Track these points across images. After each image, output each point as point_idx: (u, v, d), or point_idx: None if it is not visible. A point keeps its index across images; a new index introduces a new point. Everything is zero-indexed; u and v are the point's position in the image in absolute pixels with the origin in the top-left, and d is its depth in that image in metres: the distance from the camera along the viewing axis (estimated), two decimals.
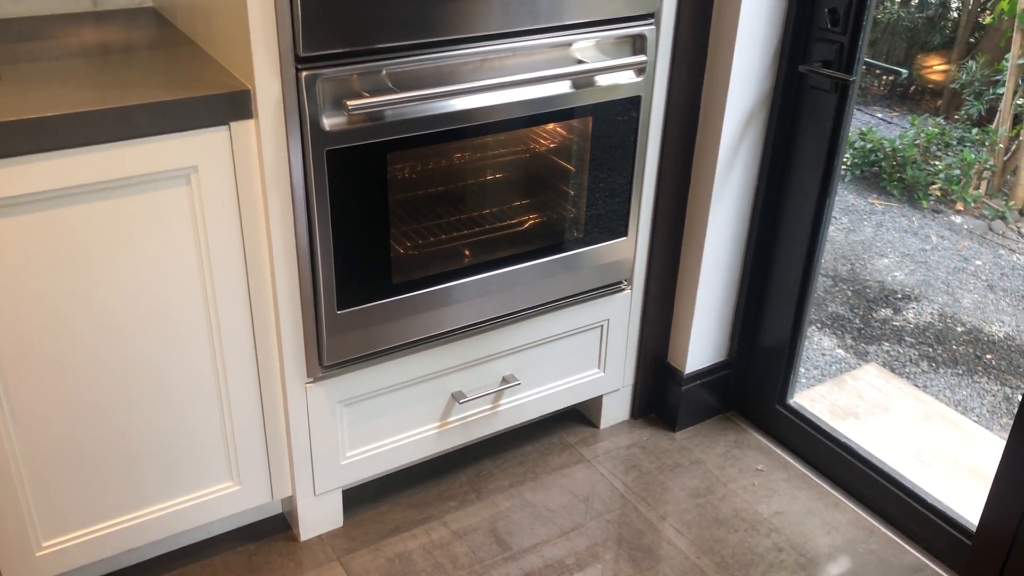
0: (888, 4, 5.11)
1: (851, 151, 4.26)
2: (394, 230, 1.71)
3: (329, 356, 1.72)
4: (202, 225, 1.52)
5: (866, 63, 1.86)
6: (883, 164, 4.16)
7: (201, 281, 1.57)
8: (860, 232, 3.79)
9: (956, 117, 4.51)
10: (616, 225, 1.98)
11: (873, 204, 4.03)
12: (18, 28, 1.75)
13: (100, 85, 1.47)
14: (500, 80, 1.65)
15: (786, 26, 1.89)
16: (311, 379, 1.75)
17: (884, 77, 5.42)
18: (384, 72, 1.56)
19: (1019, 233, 3.80)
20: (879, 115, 5.05)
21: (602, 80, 1.80)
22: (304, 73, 1.48)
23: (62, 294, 1.45)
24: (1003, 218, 3.89)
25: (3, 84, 1.47)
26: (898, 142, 4.15)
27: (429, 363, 1.88)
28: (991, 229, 3.84)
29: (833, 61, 1.84)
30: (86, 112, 1.35)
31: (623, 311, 2.12)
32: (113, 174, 1.41)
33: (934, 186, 4.03)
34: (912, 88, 5.22)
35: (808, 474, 2.14)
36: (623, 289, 2.09)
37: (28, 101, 1.38)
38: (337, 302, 1.68)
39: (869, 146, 4.21)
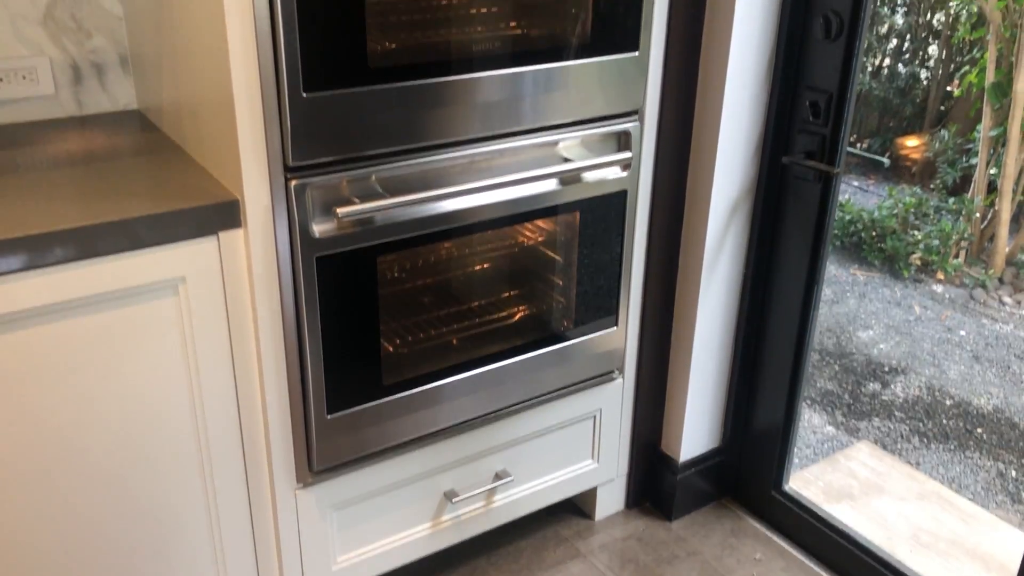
0: (860, 75, 5.23)
1: None
2: (384, 328, 1.70)
3: (319, 461, 1.69)
4: (190, 335, 1.50)
5: (848, 152, 1.89)
6: (863, 235, 4.20)
7: (189, 390, 1.54)
8: (844, 304, 3.81)
9: (932, 186, 4.58)
10: (606, 315, 1.97)
11: (855, 275, 4.06)
12: (2, 135, 1.75)
13: (87, 197, 1.46)
14: (488, 182, 1.66)
15: (768, 118, 1.92)
16: (301, 484, 1.71)
17: (859, 145, 5.52)
18: (373, 177, 1.56)
19: (1000, 301, 3.83)
20: (855, 183, 5.13)
21: (588, 177, 1.81)
22: (294, 182, 1.48)
23: (48, 408, 1.42)
24: (983, 287, 3.92)
25: None
26: (876, 213, 4.20)
27: (421, 463, 1.85)
28: (972, 298, 3.87)
29: (816, 152, 1.86)
30: (74, 229, 1.34)
31: (615, 401, 2.10)
32: (101, 288, 1.39)
33: (914, 256, 4.07)
34: (887, 155, 5.31)
35: (806, 562, 2.11)
36: (615, 379, 2.07)
37: (15, 217, 1.36)
38: (327, 406, 1.65)
39: (848, 217, 4.26)
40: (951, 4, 4.87)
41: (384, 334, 1.70)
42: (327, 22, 1.41)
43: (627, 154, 1.82)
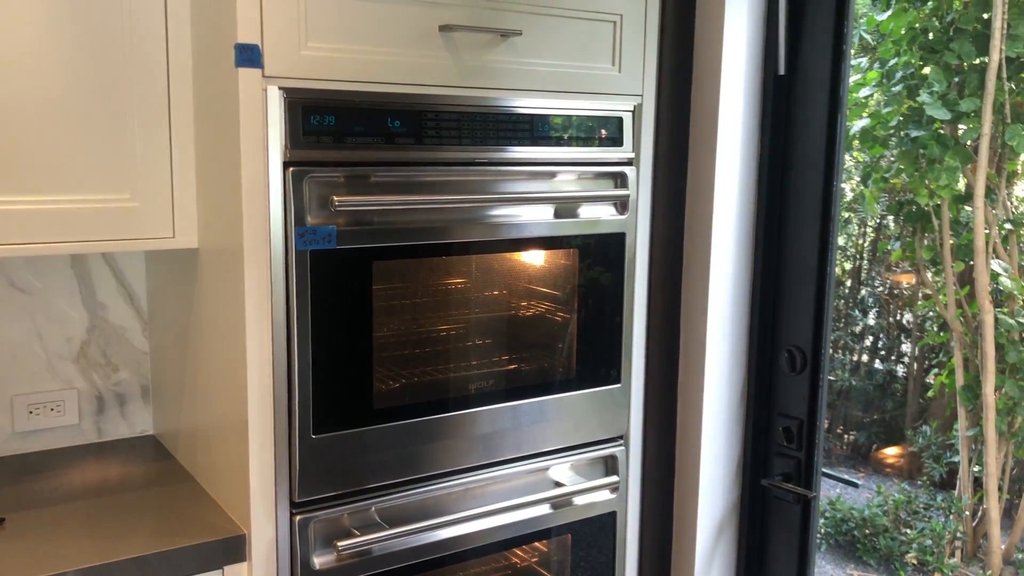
0: (840, 372, 5.46)
1: (823, 519, 4.32)
2: None
3: None
4: None
5: (824, 474, 1.99)
6: (856, 533, 4.20)
7: None
8: None
9: (919, 481, 4.64)
10: None
11: None
12: (23, 464, 1.84)
13: (100, 535, 1.53)
14: (482, 509, 1.74)
15: (745, 442, 2.04)
16: None
17: (845, 437, 5.64)
18: (373, 508, 1.65)
19: None
20: (845, 475, 5.17)
21: (579, 500, 1.89)
22: (298, 517, 1.56)
23: None
24: None
25: (7, 533, 1.53)
26: (867, 511, 4.23)
27: None
28: None
29: (792, 475, 1.97)
30: (85, 568, 1.41)
31: None
32: None
33: (909, 555, 4.05)
34: (874, 446, 5.42)
35: None
36: None
37: (29, 555, 1.44)
38: None
39: (839, 515, 4.28)
40: (917, 307, 5.20)
41: None
42: (339, 370, 1.57)
43: (614, 478, 1.92)
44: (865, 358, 5.68)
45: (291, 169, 1.48)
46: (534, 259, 1.85)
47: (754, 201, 1.96)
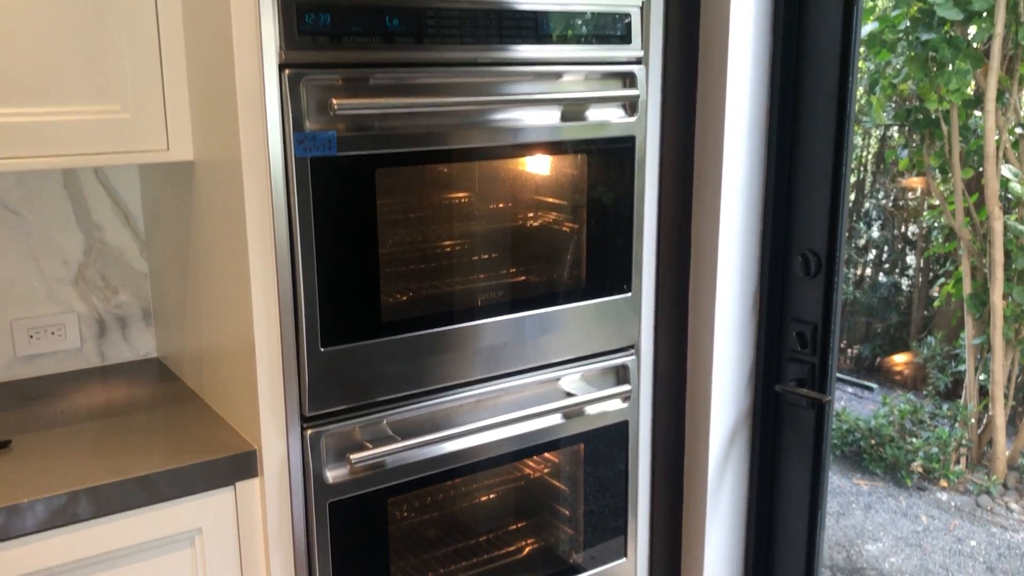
0: (845, 287, 5.43)
1: None
2: (394, 568, 1.71)
3: None
4: None
5: (839, 379, 1.97)
6: (862, 443, 4.23)
7: None
8: (850, 515, 3.78)
9: (925, 391, 4.65)
10: (614, 547, 1.98)
11: (859, 484, 4.06)
12: (27, 389, 1.82)
13: (108, 454, 1.51)
14: (494, 419, 1.72)
15: (758, 348, 2.01)
16: None
17: (849, 351, 5.65)
18: (385, 421, 1.62)
19: (1007, 508, 3.81)
20: (850, 389, 5.19)
21: (590, 410, 1.88)
22: (309, 431, 1.54)
23: None
24: (988, 493, 3.91)
25: (13, 455, 1.51)
26: (873, 421, 4.25)
27: None
28: (979, 505, 3.84)
29: (807, 380, 1.94)
30: (94, 487, 1.39)
31: None
32: (120, 544, 1.42)
33: (915, 463, 4.08)
34: (877, 359, 5.43)
35: None
36: None
37: (36, 476, 1.42)
38: None
39: (845, 427, 4.30)
40: (923, 217, 5.15)
41: (394, 575, 1.71)
42: (345, 281, 1.53)
43: (626, 387, 1.90)
44: (869, 272, 5.66)
45: (287, 71, 1.42)
46: (540, 166, 1.80)
47: (767, 100, 1.90)
